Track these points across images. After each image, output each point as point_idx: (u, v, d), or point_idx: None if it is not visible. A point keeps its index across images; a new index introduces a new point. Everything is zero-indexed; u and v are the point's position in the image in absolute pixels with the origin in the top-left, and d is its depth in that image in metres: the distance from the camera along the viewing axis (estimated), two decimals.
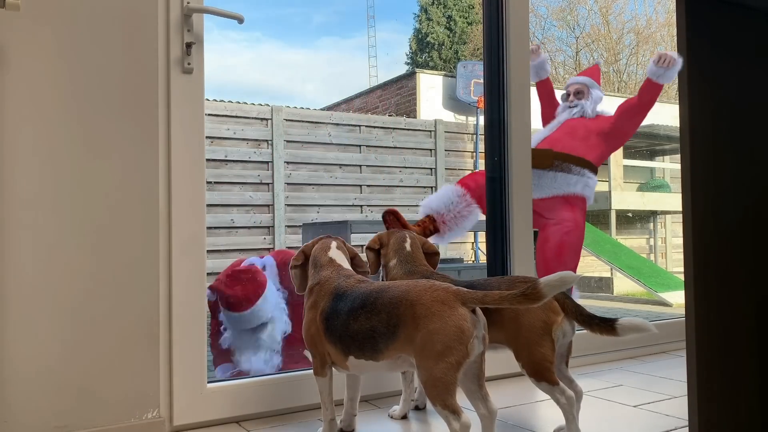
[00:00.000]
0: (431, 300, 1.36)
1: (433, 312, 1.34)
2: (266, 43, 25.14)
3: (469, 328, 1.34)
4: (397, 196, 7.48)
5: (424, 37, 17.33)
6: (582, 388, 1.64)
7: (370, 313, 1.43)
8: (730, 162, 1.13)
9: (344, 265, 1.66)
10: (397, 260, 1.81)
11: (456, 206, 2.69)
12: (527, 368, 1.58)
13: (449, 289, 1.37)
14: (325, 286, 1.58)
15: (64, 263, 1.56)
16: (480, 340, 1.37)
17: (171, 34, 1.77)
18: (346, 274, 1.60)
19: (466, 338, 1.33)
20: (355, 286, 1.53)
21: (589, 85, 3.83)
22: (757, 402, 1.14)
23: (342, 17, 24.23)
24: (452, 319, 1.33)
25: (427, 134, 7.73)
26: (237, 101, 6.96)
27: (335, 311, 1.50)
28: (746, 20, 1.15)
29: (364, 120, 7.60)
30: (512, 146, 2.41)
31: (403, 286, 1.43)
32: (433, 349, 1.32)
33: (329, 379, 1.59)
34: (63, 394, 1.54)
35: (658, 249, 8.75)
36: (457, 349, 1.32)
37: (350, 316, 1.46)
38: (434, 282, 1.42)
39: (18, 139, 1.52)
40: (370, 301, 1.44)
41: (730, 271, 1.12)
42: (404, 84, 9.96)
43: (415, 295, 1.38)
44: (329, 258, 1.65)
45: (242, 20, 1.86)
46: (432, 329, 1.33)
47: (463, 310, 1.34)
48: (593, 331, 1.59)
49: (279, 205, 6.68)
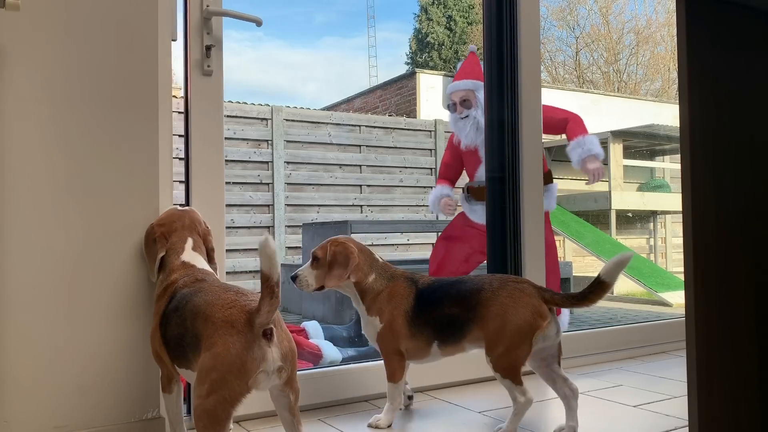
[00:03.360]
0: (220, 318, 1.22)
1: (218, 332, 1.20)
2: (268, 43, 25.17)
3: (253, 359, 1.19)
4: (397, 196, 7.48)
5: (424, 37, 17.33)
6: (577, 387, 1.65)
7: (179, 319, 1.32)
8: (730, 162, 1.13)
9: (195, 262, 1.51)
10: (375, 275, 1.76)
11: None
12: (497, 364, 1.60)
13: (244, 308, 1.22)
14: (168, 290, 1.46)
15: (64, 263, 1.55)
16: (269, 375, 1.22)
17: (191, 36, 1.79)
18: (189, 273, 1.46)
19: (246, 372, 1.18)
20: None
21: (475, 89, 3.46)
22: (757, 401, 1.14)
23: (344, 17, 24.25)
24: (234, 347, 1.18)
25: (427, 134, 7.73)
26: (237, 101, 6.96)
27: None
28: (746, 20, 1.15)
29: (364, 120, 7.60)
30: (523, 147, 2.40)
31: (211, 295, 1.29)
32: (205, 379, 1.19)
33: (175, 395, 1.49)
34: (63, 394, 1.54)
35: (658, 249, 8.75)
36: (232, 383, 1.17)
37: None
38: (236, 298, 1.26)
39: (18, 139, 1.52)
40: (181, 306, 1.33)
41: (730, 271, 1.12)
42: (404, 84, 9.96)
43: (209, 309, 1.24)
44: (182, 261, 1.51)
45: (260, 23, 1.89)
46: (213, 353, 1.19)
47: (250, 338, 1.19)
48: (594, 301, 1.58)
49: (279, 205, 6.69)
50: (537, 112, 2.43)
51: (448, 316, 1.67)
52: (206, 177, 1.81)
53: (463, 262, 3.48)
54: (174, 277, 1.46)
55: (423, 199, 7.56)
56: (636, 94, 15.06)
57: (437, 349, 1.71)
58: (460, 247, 3.49)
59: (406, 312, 1.70)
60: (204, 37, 1.80)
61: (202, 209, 1.78)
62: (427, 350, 1.71)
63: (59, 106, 1.56)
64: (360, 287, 1.76)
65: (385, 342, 1.73)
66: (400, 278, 1.76)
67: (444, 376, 2.15)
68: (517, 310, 1.59)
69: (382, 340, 1.73)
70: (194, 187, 1.80)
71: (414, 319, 1.70)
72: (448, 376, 2.15)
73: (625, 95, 13.16)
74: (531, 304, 1.60)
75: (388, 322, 1.71)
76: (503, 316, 1.59)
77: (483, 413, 1.86)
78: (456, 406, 1.94)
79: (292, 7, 22.35)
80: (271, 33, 25.21)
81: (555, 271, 3.18)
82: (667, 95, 15.45)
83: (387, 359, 1.74)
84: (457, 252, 3.49)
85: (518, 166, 2.41)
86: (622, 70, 16.66)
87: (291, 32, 22.32)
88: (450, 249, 3.52)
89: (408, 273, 1.78)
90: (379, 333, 1.73)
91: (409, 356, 1.74)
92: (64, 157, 1.56)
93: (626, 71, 16.65)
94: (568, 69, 16.52)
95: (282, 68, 23.56)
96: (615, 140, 7.59)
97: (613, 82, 16.44)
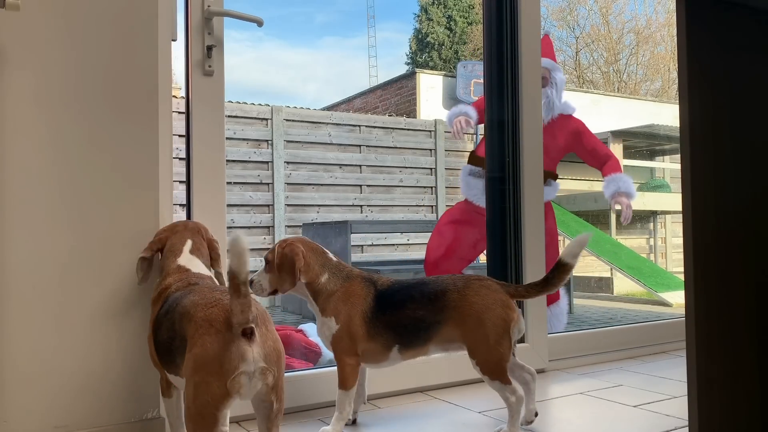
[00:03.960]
0: (201, 317, 1.18)
1: (198, 332, 1.17)
2: (269, 43, 25.14)
3: (230, 359, 1.14)
4: (397, 196, 7.48)
5: (424, 37, 17.34)
6: (534, 369, 1.69)
7: (168, 322, 1.29)
8: (730, 161, 1.13)
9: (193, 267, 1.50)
10: (328, 274, 1.68)
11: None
12: (483, 367, 1.59)
13: (226, 307, 1.18)
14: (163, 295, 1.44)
15: (63, 262, 1.55)
16: (250, 378, 1.16)
17: (192, 36, 1.79)
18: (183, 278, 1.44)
19: (224, 372, 1.13)
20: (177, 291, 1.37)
21: (551, 69, 3.32)
22: (757, 401, 1.14)
23: (345, 17, 24.20)
24: (211, 346, 1.14)
25: (427, 134, 7.73)
26: (237, 101, 6.96)
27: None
28: (746, 20, 1.15)
29: (364, 120, 7.60)
30: (524, 147, 2.40)
31: (198, 295, 1.26)
32: (189, 382, 1.15)
33: (175, 399, 1.47)
34: (62, 394, 1.54)
35: (658, 249, 8.74)
36: (213, 385, 1.13)
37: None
38: (220, 297, 1.23)
39: (18, 139, 1.52)
40: (171, 309, 1.30)
41: (730, 271, 1.12)
42: (404, 84, 9.96)
43: (193, 309, 1.22)
44: (177, 265, 1.49)
45: (261, 23, 1.89)
46: (193, 354, 1.16)
47: (228, 337, 1.15)
48: (557, 285, 1.61)
49: (279, 205, 6.69)
50: (537, 112, 2.42)
51: (412, 319, 1.61)
52: (207, 177, 1.81)
53: (471, 248, 3.40)
54: (168, 281, 1.45)
55: (423, 199, 7.56)
56: (636, 94, 15.06)
57: (397, 354, 1.65)
58: (470, 231, 3.37)
59: (364, 313, 1.63)
60: (205, 38, 1.80)
61: (203, 209, 1.79)
62: (385, 354, 1.65)
63: (59, 106, 1.56)
64: (312, 288, 1.67)
65: (340, 344, 1.64)
66: (356, 278, 1.68)
67: (444, 376, 2.15)
68: (489, 307, 1.59)
69: (338, 342, 1.64)
70: (195, 187, 1.80)
71: (372, 321, 1.63)
72: (448, 376, 2.15)
73: (625, 95, 13.15)
74: (500, 300, 1.60)
75: (345, 323, 1.63)
76: (477, 315, 1.59)
77: (483, 413, 1.86)
78: (456, 406, 1.94)
79: (291, 7, 22.32)
80: (271, 33, 25.20)
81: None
82: (667, 95, 15.45)
83: (340, 364, 1.64)
84: (467, 236, 3.38)
85: (519, 166, 2.41)
86: (622, 70, 16.66)
87: (292, 32, 22.30)
88: (459, 233, 3.40)
89: (366, 274, 1.70)
90: (335, 335, 1.64)
91: (365, 359, 1.66)
92: (64, 157, 1.56)
93: (626, 71, 16.66)
94: (568, 69, 16.51)
95: (282, 68, 23.55)
96: (615, 140, 7.59)
97: (613, 82, 16.44)
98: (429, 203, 7.65)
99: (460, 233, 3.42)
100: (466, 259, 3.45)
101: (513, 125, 2.42)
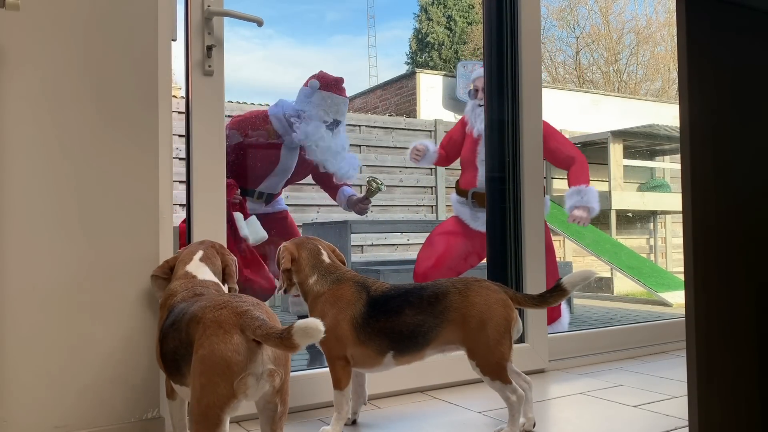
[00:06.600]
0: (209, 318, 1.17)
1: (206, 333, 1.15)
2: (278, 41, 25.06)
3: (239, 360, 1.12)
4: (397, 196, 7.48)
5: (424, 37, 17.33)
6: (530, 379, 1.69)
7: (176, 332, 1.28)
8: (730, 162, 1.13)
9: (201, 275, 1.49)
10: (317, 276, 1.67)
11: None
12: (484, 368, 1.59)
13: (236, 309, 1.17)
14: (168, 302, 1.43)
15: (63, 263, 1.55)
16: (258, 379, 1.15)
17: (192, 36, 1.79)
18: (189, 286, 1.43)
19: (232, 373, 1.12)
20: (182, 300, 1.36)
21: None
22: (757, 401, 1.14)
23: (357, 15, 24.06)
24: (219, 347, 1.13)
25: (427, 134, 7.73)
26: (237, 101, 6.95)
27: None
28: (746, 20, 1.15)
29: (364, 120, 7.60)
30: (524, 147, 2.40)
31: (206, 300, 1.26)
32: (195, 384, 1.15)
33: (179, 401, 1.47)
34: (63, 394, 1.54)
35: (658, 249, 8.74)
36: (219, 386, 1.12)
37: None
38: (229, 300, 1.22)
39: (18, 139, 1.52)
40: (178, 320, 1.29)
41: (729, 271, 1.12)
42: (404, 84, 9.96)
43: (201, 312, 1.20)
44: (185, 271, 1.50)
45: (261, 23, 1.89)
46: (200, 356, 1.14)
47: (237, 339, 1.13)
48: (550, 305, 1.65)
49: None
50: (537, 112, 2.42)
51: (410, 325, 1.59)
52: (207, 177, 1.81)
53: (462, 260, 3.41)
54: (174, 286, 1.45)
55: (423, 199, 7.56)
56: (636, 94, 15.05)
57: (391, 360, 1.63)
58: (462, 243, 3.39)
59: (353, 318, 1.61)
60: (205, 37, 1.80)
61: (203, 210, 1.79)
62: (378, 360, 1.63)
63: (58, 106, 1.56)
64: (302, 289, 1.69)
65: (327, 347, 1.62)
66: (348, 282, 1.65)
67: (444, 376, 2.15)
68: (491, 307, 1.59)
69: (324, 344, 1.61)
70: (195, 187, 1.80)
71: (364, 326, 1.60)
72: (448, 376, 2.15)
73: (625, 95, 13.15)
74: (500, 299, 1.61)
75: (331, 327, 1.59)
76: (479, 316, 1.58)
77: (483, 413, 1.86)
78: (456, 406, 1.94)
79: (304, 5, 22.23)
80: (281, 31, 25.07)
81: (554, 273, 3.17)
82: (667, 95, 15.45)
83: (331, 365, 1.64)
84: (458, 248, 3.40)
85: (519, 166, 2.40)
86: (622, 70, 16.65)
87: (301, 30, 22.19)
88: (451, 244, 3.41)
89: (360, 277, 1.67)
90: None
91: (356, 364, 1.65)
92: (64, 157, 1.56)
93: (626, 71, 16.65)
94: (568, 69, 16.51)
95: (290, 67, 23.43)
96: (615, 140, 7.59)
97: (613, 82, 16.43)
98: (429, 203, 7.65)
99: (451, 244, 3.44)
100: (456, 271, 3.41)
101: (513, 125, 2.42)
